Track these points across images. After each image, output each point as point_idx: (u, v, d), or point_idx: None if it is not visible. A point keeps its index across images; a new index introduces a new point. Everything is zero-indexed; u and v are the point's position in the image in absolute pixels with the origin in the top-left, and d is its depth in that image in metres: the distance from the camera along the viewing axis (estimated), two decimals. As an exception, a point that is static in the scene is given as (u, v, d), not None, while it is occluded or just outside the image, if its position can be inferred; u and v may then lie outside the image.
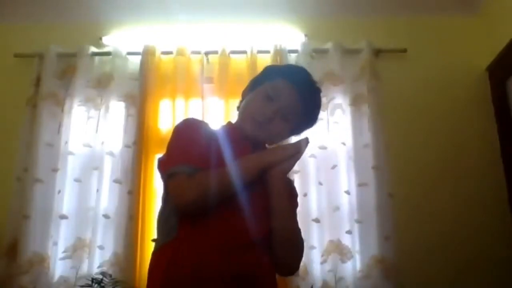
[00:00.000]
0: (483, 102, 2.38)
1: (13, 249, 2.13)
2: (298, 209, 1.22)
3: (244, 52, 2.42)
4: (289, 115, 1.17)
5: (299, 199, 1.27)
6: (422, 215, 2.23)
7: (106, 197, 2.23)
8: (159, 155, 2.44)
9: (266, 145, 1.24)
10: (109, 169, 2.27)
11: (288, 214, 1.12)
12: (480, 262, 2.16)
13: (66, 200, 2.24)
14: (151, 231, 2.18)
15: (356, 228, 2.16)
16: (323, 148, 2.26)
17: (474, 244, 2.19)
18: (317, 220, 2.15)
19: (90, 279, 1.95)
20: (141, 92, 2.35)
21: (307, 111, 1.21)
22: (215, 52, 2.41)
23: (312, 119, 1.27)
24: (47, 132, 2.30)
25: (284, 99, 1.17)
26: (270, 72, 1.26)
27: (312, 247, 2.11)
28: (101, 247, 2.16)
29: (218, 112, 2.33)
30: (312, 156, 2.24)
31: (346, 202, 2.20)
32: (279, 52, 2.39)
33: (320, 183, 2.21)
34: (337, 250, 2.12)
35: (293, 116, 1.18)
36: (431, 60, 2.48)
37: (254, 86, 1.24)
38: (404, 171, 2.27)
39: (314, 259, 2.10)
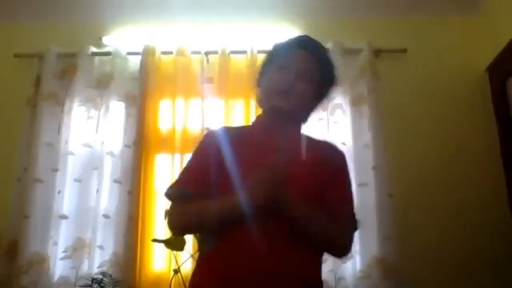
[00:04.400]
0: (483, 102, 2.38)
1: (13, 249, 2.13)
2: None
3: (244, 52, 2.42)
4: (307, 75, 1.17)
5: None
6: (422, 215, 2.23)
7: (106, 197, 2.23)
8: (159, 155, 2.45)
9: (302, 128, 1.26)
10: (109, 169, 2.27)
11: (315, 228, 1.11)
12: (480, 262, 2.16)
13: (66, 200, 2.24)
14: (151, 231, 2.18)
15: (356, 228, 2.16)
16: (323, 148, 2.25)
17: (474, 244, 2.19)
18: (317, 220, 2.14)
19: (90, 279, 1.95)
20: (141, 92, 2.35)
21: (322, 67, 1.22)
22: (215, 52, 2.41)
23: (329, 75, 1.26)
24: (47, 132, 2.30)
25: (297, 61, 1.18)
26: (274, 51, 1.27)
27: (312, 247, 2.11)
28: (101, 247, 2.16)
29: (218, 112, 2.34)
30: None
31: (346, 202, 2.20)
32: (279, 52, 2.38)
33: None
34: (337, 250, 2.12)
35: (311, 74, 1.18)
36: (431, 60, 2.48)
37: (264, 70, 1.25)
38: (404, 171, 2.27)
39: (314, 259, 2.10)
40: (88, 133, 2.33)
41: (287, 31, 2.51)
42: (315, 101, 1.25)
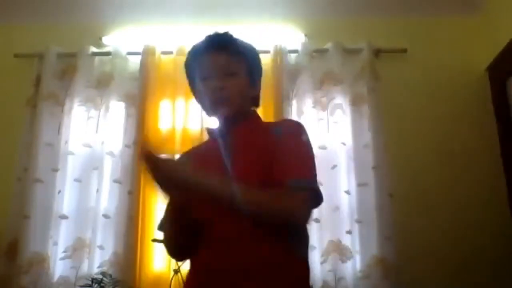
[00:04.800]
0: (483, 102, 2.38)
1: (13, 249, 2.13)
2: None
3: (244, 52, 2.42)
4: (228, 69, 1.15)
5: None
6: (422, 215, 2.23)
7: (106, 197, 2.23)
8: (159, 155, 2.41)
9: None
10: (109, 169, 2.27)
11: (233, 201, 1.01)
12: (480, 262, 2.16)
13: (66, 200, 2.24)
14: (151, 231, 2.18)
15: (356, 228, 2.16)
16: (323, 148, 2.26)
17: (474, 244, 2.19)
18: (317, 220, 2.14)
19: (90, 279, 1.95)
20: (141, 92, 2.35)
21: (236, 53, 1.19)
22: (215, 52, 2.41)
23: (249, 55, 1.23)
24: (47, 132, 2.31)
25: (209, 64, 1.16)
26: (187, 67, 1.27)
27: (312, 247, 2.10)
28: (101, 247, 2.16)
29: (218, 112, 2.33)
30: (312, 156, 2.24)
31: (346, 202, 2.20)
32: (279, 52, 2.39)
33: (320, 183, 2.18)
34: (337, 250, 2.12)
35: (233, 67, 1.16)
36: (431, 60, 2.48)
37: (192, 86, 1.27)
38: (404, 171, 2.27)
39: (314, 259, 2.10)
40: (88, 133, 2.33)
41: (287, 31, 2.52)
42: (253, 85, 1.22)
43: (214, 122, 1.25)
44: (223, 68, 1.16)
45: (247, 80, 1.19)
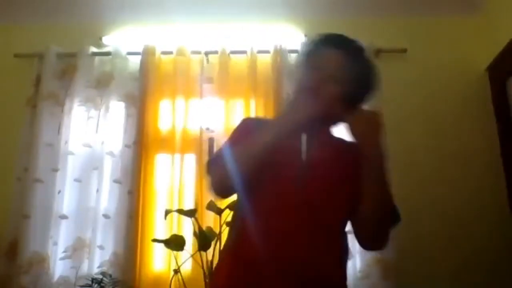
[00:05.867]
0: (483, 102, 2.38)
1: (13, 249, 2.13)
2: None
3: (244, 52, 2.42)
4: (338, 76, 1.12)
5: None
6: (422, 215, 2.23)
7: (106, 197, 2.23)
8: (159, 155, 2.44)
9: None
10: (109, 169, 2.27)
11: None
12: (479, 262, 2.16)
13: (66, 200, 2.24)
14: (151, 231, 2.19)
15: (356, 228, 2.16)
16: (323, 148, 2.25)
17: (474, 244, 2.19)
18: (317, 220, 2.14)
19: (90, 279, 1.95)
20: (141, 92, 2.35)
21: (357, 71, 1.15)
22: (215, 52, 2.41)
23: (364, 77, 1.19)
24: (47, 132, 2.31)
25: (329, 63, 1.14)
26: (308, 49, 1.23)
27: (312, 247, 2.11)
28: (101, 247, 2.16)
29: (218, 112, 2.34)
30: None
31: (346, 202, 2.20)
32: (279, 52, 2.39)
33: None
34: (337, 250, 2.12)
35: (343, 76, 1.12)
36: (431, 60, 2.48)
37: (299, 70, 1.25)
38: (404, 172, 2.27)
39: (314, 259, 2.10)
40: (88, 133, 2.33)
41: (287, 31, 2.52)
42: (345, 104, 1.14)
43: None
44: (337, 71, 1.13)
45: (343, 95, 1.14)
